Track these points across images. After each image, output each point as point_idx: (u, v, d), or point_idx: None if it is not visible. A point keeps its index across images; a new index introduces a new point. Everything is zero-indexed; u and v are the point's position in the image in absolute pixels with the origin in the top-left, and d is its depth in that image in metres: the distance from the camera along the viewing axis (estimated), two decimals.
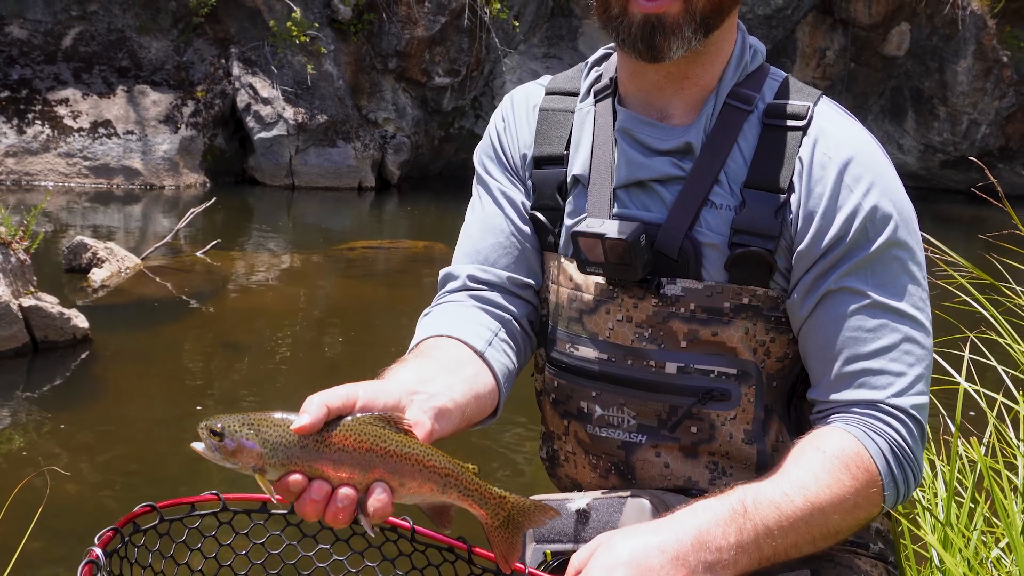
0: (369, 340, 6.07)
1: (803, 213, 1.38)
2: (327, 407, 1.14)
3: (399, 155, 11.95)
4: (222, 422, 1.11)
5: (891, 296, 1.37)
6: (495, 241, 1.54)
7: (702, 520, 1.24)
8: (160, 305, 6.39)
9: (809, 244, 1.37)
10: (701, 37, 1.36)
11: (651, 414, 1.46)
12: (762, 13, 12.56)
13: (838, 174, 1.37)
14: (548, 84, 1.59)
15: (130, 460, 4.02)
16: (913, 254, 1.40)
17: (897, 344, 1.36)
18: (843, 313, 1.37)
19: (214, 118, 11.12)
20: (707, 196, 1.40)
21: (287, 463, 1.11)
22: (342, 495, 1.13)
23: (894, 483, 1.34)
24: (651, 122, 1.45)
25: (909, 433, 1.35)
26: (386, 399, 1.19)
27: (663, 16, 1.34)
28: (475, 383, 1.38)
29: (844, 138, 1.40)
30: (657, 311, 1.42)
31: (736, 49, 1.46)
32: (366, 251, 8.52)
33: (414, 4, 11.69)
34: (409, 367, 1.34)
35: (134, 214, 9.77)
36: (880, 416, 1.35)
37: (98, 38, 11.15)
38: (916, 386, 1.37)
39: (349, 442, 1.13)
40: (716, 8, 1.36)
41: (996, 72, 13.50)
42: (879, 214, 1.36)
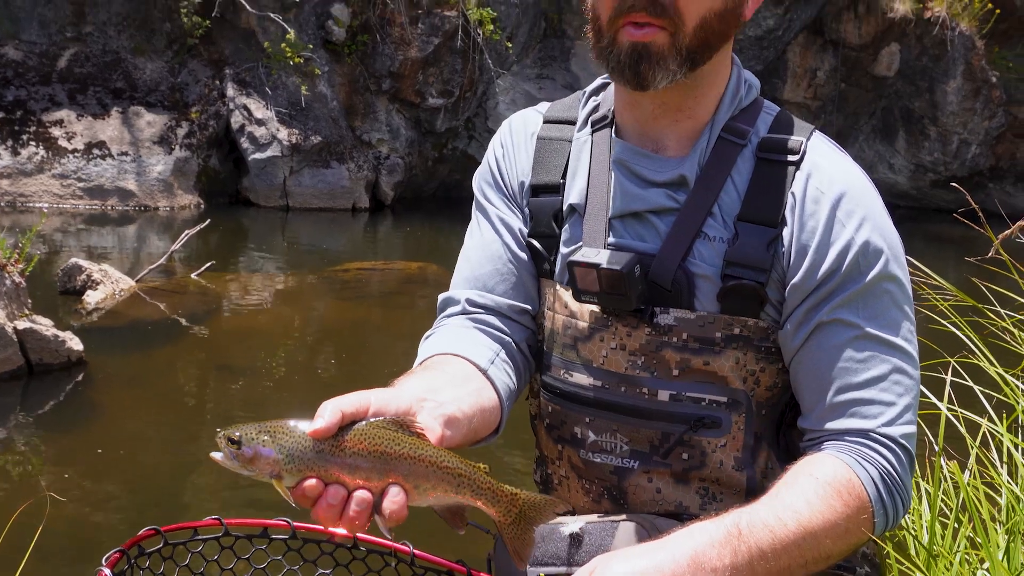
0: (363, 361, 6.09)
1: (796, 246, 1.41)
2: (341, 412, 1.17)
3: (393, 176, 12.00)
4: (239, 431, 1.13)
5: (881, 328, 1.40)
6: (493, 268, 1.57)
7: (698, 542, 1.27)
8: (154, 327, 6.40)
9: (803, 277, 1.40)
10: (687, 70, 1.40)
11: (643, 440, 1.49)
12: (753, 34, 12.66)
13: (831, 209, 1.41)
14: (546, 112, 1.62)
15: (126, 483, 4.02)
16: (902, 287, 1.44)
17: (887, 375, 1.40)
18: (835, 344, 1.40)
19: (208, 139, 11.16)
20: (700, 228, 1.44)
21: (304, 469, 1.14)
22: (358, 498, 1.16)
23: (884, 510, 1.37)
24: (646, 153, 1.48)
25: (899, 461, 1.39)
26: (398, 404, 1.22)
27: (649, 45, 1.37)
28: (480, 397, 1.41)
29: (836, 173, 1.43)
30: (650, 340, 1.46)
31: (731, 84, 1.49)
32: (360, 272, 8.55)
33: (408, 26, 11.77)
34: (418, 378, 1.38)
35: (128, 236, 9.79)
36: (871, 444, 1.39)
37: (93, 59, 11.20)
38: (905, 415, 1.41)
39: (364, 446, 1.15)
40: (702, 43, 1.39)
41: (985, 92, 13.62)
42: (871, 248, 1.40)
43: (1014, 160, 14.20)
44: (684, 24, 1.37)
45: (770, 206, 1.42)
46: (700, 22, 1.37)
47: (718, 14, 1.38)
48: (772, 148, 1.45)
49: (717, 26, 1.39)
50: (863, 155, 14.32)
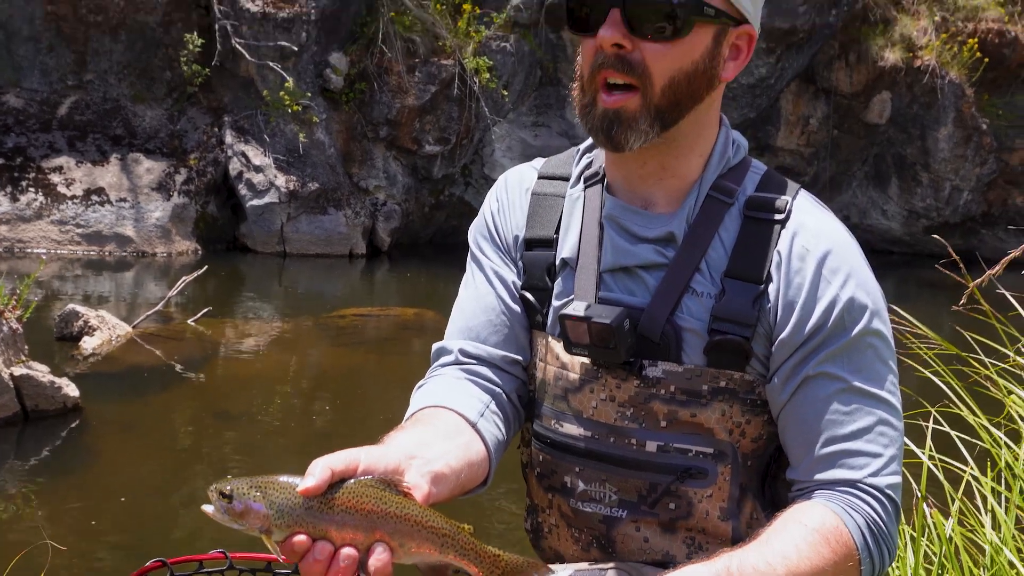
0: (359, 408, 6.10)
1: (783, 302, 1.45)
2: (331, 470, 1.20)
3: (390, 222, 12.08)
4: (231, 485, 1.17)
5: (866, 381, 1.44)
6: (486, 319, 1.61)
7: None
8: (151, 373, 6.42)
9: (791, 332, 1.44)
10: (658, 129, 1.45)
11: (632, 490, 1.52)
12: (746, 82, 12.83)
13: (817, 266, 1.45)
14: (541, 168, 1.67)
15: (122, 529, 4.02)
16: (886, 341, 1.48)
17: (873, 427, 1.44)
18: (822, 397, 1.44)
19: (206, 186, 11.25)
20: (688, 283, 1.48)
21: (292, 524, 1.17)
22: (345, 555, 1.19)
23: (870, 558, 1.40)
24: (636, 210, 1.53)
25: (884, 511, 1.42)
26: (387, 463, 1.26)
27: (620, 111, 1.43)
28: (469, 451, 1.44)
29: (822, 232, 1.48)
30: (639, 392, 1.49)
31: (719, 144, 1.54)
32: (356, 318, 8.58)
33: (405, 74, 11.92)
34: (408, 433, 1.40)
35: (126, 281, 9.83)
36: (858, 494, 1.42)
37: (93, 107, 11.32)
38: (890, 466, 1.44)
39: (352, 504, 1.18)
40: (671, 103, 1.44)
41: (976, 139, 13.77)
42: (855, 304, 1.44)
43: (1006, 206, 14.32)
44: (652, 82, 1.42)
45: (756, 263, 1.47)
46: (668, 82, 1.42)
47: (687, 74, 1.43)
48: (759, 207, 1.50)
49: (686, 86, 1.44)
50: (856, 201, 14.44)
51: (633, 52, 1.41)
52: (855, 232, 1.48)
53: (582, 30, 1.46)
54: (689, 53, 1.43)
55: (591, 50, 1.45)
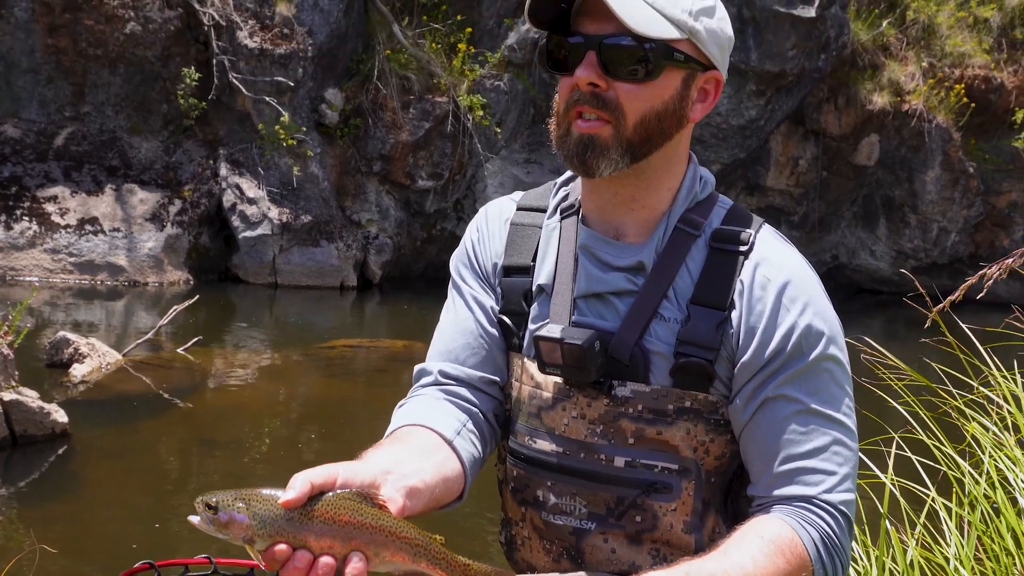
0: (346, 438, 6.13)
1: (745, 328, 1.53)
2: (311, 483, 1.27)
3: (381, 255, 12.16)
4: (216, 497, 1.23)
5: (822, 404, 1.52)
6: (465, 342, 1.69)
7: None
8: (140, 401, 6.45)
9: (752, 356, 1.52)
10: (628, 160, 1.53)
11: (600, 503, 1.58)
12: (736, 123, 13.00)
13: (777, 295, 1.53)
14: (519, 200, 1.76)
15: (107, 553, 4.04)
16: (842, 366, 1.56)
17: (828, 446, 1.51)
18: (781, 417, 1.51)
19: (200, 217, 11.33)
20: (656, 310, 1.55)
21: (274, 534, 1.23)
22: (323, 564, 1.25)
23: (823, 570, 1.46)
24: (608, 240, 1.61)
25: (838, 525, 1.49)
26: (363, 477, 1.32)
27: (594, 137, 1.52)
28: (444, 467, 1.50)
29: (782, 263, 1.56)
30: (608, 410, 1.56)
31: (687, 180, 1.63)
32: (346, 350, 8.62)
33: (399, 110, 12.06)
34: (385, 451, 1.47)
35: (117, 310, 9.87)
36: (813, 509, 1.49)
37: (90, 138, 11.42)
38: (844, 484, 1.51)
39: (330, 515, 1.25)
40: (642, 138, 1.53)
41: (963, 182, 13.95)
42: (813, 331, 1.52)
43: (993, 248, 14.46)
44: (625, 119, 1.51)
45: (720, 291, 1.55)
46: (640, 119, 1.51)
47: (657, 113, 1.53)
48: (724, 239, 1.58)
49: (656, 124, 1.53)
50: (845, 241, 14.58)
51: (608, 91, 1.50)
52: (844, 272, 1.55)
53: (560, 70, 1.55)
54: (660, 94, 1.52)
55: (568, 88, 1.54)
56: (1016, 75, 14.10)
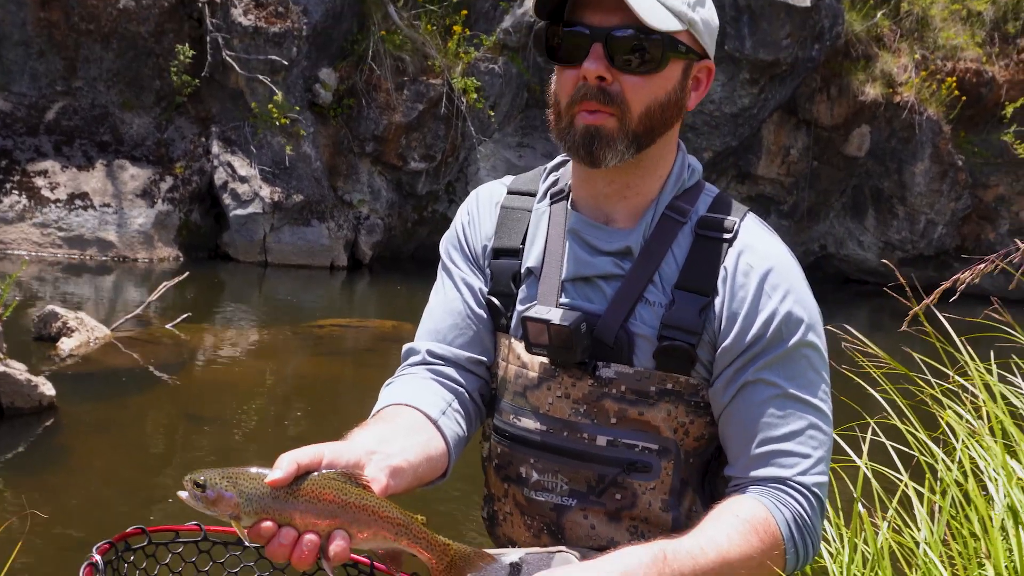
0: (334, 417, 6.17)
1: (727, 313, 1.57)
2: (297, 463, 1.31)
3: (372, 236, 12.17)
4: (204, 475, 1.27)
5: (800, 388, 1.56)
6: (453, 322, 1.73)
7: (627, 563, 1.40)
8: (127, 376, 6.47)
9: (733, 341, 1.56)
10: (633, 151, 1.57)
11: (581, 481, 1.63)
12: (729, 112, 13.02)
13: (759, 282, 1.57)
14: (510, 184, 1.79)
15: (90, 528, 4.07)
16: (819, 352, 1.60)
17: (804, 430, 1.55)
18: (759, 401, 1.56)
19: (191, 194, 11.32)
20: (642, 293, 1.60)
21: (260, 512, 1.28)
22: (307, 540, 1.30)
23: (795, 548, 1.51)
24: (598, 225, 1.64)
25: (811, 506, 1.54)
26: (348, 457, 1.37)
27: (600, 128, 1.55)
28: (428, 447, 1.55)
29: (765, 251, 1.60)
30: (592, 390, 1.60)
31: (676, 167, 1.67)
32: (335, 329, 8.65)
33: (393, 92, 12.05)
34: (370, 430, 1.51)
35: (106, 285, 9.87)
36: (787, 491, 1.54)
37: (81, 113, 11.38)
38: (818, 467, 1.56)
39: (315, 494, 1.29)
40: (646, 129, 1.57)
41: (952, 175, 14.02)
42: (792, 318, 1.57)
43: (979, 241, 14.56)
44: (631, 111, 1.54)
45: (704, 277, 1.59)
46: (645, 110, 1.55)
47: (661, 104, 1.56)
48: (709, 226, 1.62)
49: (660, 115, 1.56)
50: (833, 231, 14.64)
51: (612, 84, 1.53)
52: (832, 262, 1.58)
53: (566, 62, 1.56)
54: (664, 85, 1.55)
55: (572, 80, 1.56)
56: (1007, 69, 14.16)
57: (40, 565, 3.67)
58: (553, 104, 1.61)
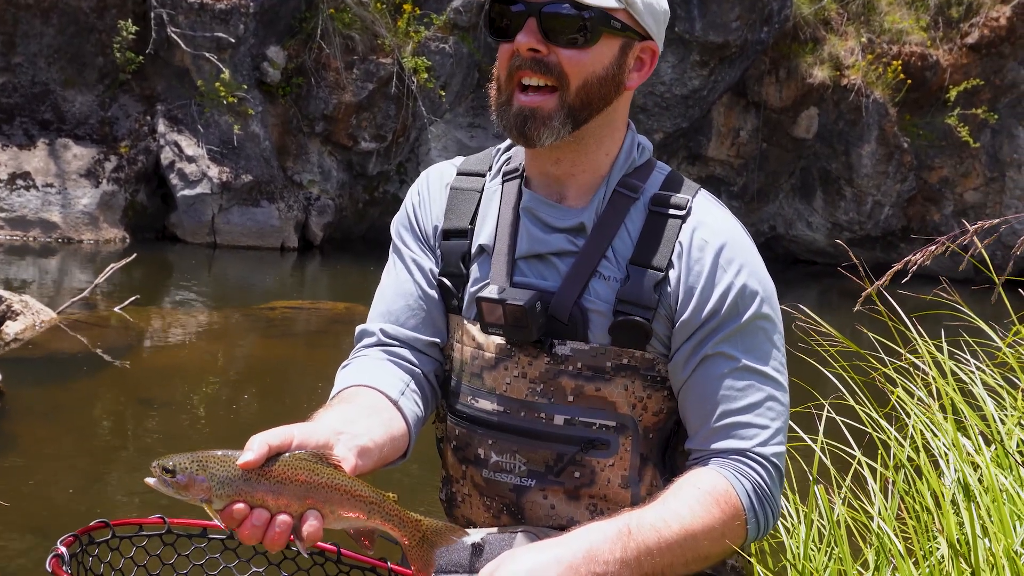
0: (286, 400, 6.12)
1: (684, 288, 1.59)
2: (268, 445, 1.31)
3: (323, 217, 12.06)
4: (173, 460, 1.26)
5: (757, 361, 1.59)
6: (405, 304, 1.73)
7: (593, 538, 1.42)
8: (75, 360, 6.35)
9: (690, 315, 1.58)
10: (570, 127, 1.59)
11: (540, 460, 1.63)
12: (679, 93, 13.09)
13: (714, 257, 1.59)
14: (460, 165, 1.80)
15: (39, 515, 4.01)
16: (775, 325, 1.63)
17: (762, 402, 1.58)
18: (717, 374, 1.58)
19: (137, 174, 11.12)
20: (596, 269, 1.61)
21: (232, 494, 1.27)
22: (280, 521, 1.29)
23: (755, 518, 1.54)
24: (551, 203, 1.65)
25: (770, 476, 1.57)
26: (317, 438, 1.37)
27: (536, 109, 1.57)
28: (391, 426, 1.55)
29: (719, 226, 1.62)
30: (548, 368, 1.61)
31: (625, 145, 1.68)
32: (286, 311, 8.57)
33: (343, 70, 11.92)
34: (335, 412, 1.52)
35: (50, 268, 9.67)
36: (746, 462, 1.56)
37: (21, 90, 11.10)
38: (776, 437, 1.59)
39: (287, 475, 1.29)
40: (583, 103, 1.58)
41: (897, 157, 14.25)
42: (747, 291, 1.59)
43: (924, 222, 14.83)
44: (569, 84, 1.56)
45: (658, 253, 1.60)
46: (582, 83, 1.57)
47: (598, 79, 1.58)
48: (662, 203, 1.63)
49: (597, 90, 1.58)
50: (783, 212, 14.83)
51: (549, 55, 1.55)
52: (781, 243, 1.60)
53: (501, 36, 1.59)
54: (599, 60, 1.57)
55: (507, 53, 1.59)
56: (951, 53, 14.40)
57: None
58: (495, 80, 1.63)
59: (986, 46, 14.30)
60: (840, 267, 2.57)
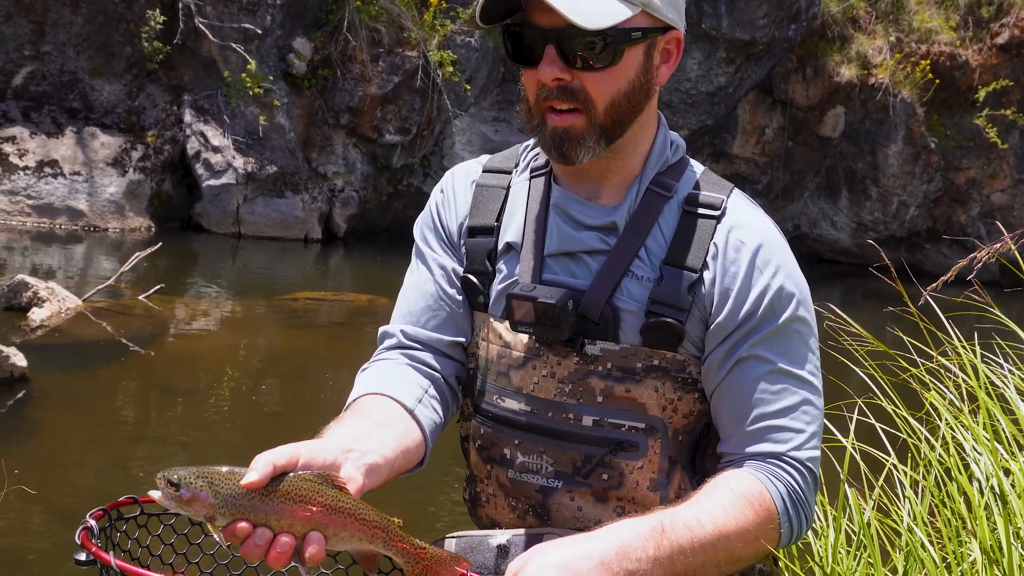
0: (307, 391, 6.14)
1: (719, 289, 1.56)
2: (273, 465, 1.30)
3: (347, 209, 12.09)
4: (178, 474, 1.26)
5: (792, 364, 1.57)
6: (427, 305, 1.71)
7: (625, 534, 1.40)
8: (99, 347, 6.40)
9: (726, 317, 1.56)
10: (605, 145, 1.57)
11: (567, 461, 1.61)
12: (705, 90, 13.03)
13: (751, 258, 1.57)
14: (486, 163, 1.78)
15: (62, 500, 4.03)
16: (810, 328, 1.61)
17: (797, 405, 1.56)
18: (753, 377, 1.55)
19: (163, 163, 11.17)
20: (628, 268, 1.59)
21: (235, 513, 1.27)
22: (282, 542, 1.29)
23: (789, 522, 1.52)
24: (582, 201, 1.63)
25: (804, 481, 1.54)
26: (324, 457, 1.36)
27: (569, 129, 1.54)
28: (404, 438, 1.54)
29: (755, 227, 1.61)
30: (577, 368, 1.59)
31: (658, 143, 1.65)
32: (309, 302, 8.60)
33: (368, 63, 11.93)
34: (346, 425, 1.50)
35: (76, 255, 9.74)
36: (781, 465, 1.54)
37: (50, 78, 11.18)
38: (811, 441, 1.57)
39: (290, 496, 1.29)
40: (614, 122, 1.56)
41: (924, 157, 14.13)
42: (784, 293, 1.57)
43: (950, 223, 14.70)
44: (595, 106, 1.53)
45: (693, 254, 1.58)
46: (610, 103, 1.54)
47: (625, 94, 1.55)
48: (696, 203, 1.61)
49: (626, 104, 1.55)
50: (807, 211, 14.73)
51: (573, 82, 1.52)
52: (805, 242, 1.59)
53: (524, 63, 1.57)
54: (624, 75, 1.54)
55: (533, 82, 1.56)
56: (980, 53, 14.26)
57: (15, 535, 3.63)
58: (523, 100, 1.61)
59: (1016, 46, 14.14)
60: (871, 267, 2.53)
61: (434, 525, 3.37)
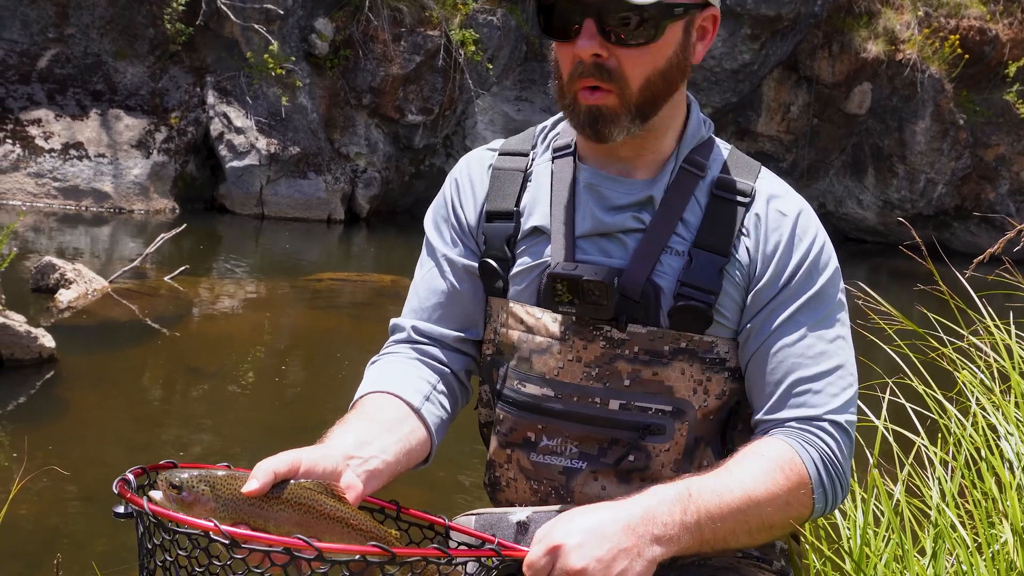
0: (331, 370, 6.16)
1: (761, 257, 1.56)
2: (274, 473, 1.31)
3: (369, 189, 12.09)
4: (180, 477, 1.27)
5: (829, 329, 1.56)
6: (436, 301, 1.70)
7: (652, 500, 1.39)
8: (126, 328, 6.45)
9: (767, 283, 1.56)
10: (639, 124, 1.54)
11: (592, 444, 1.60)
12: (729, 67, 12.91)
13: (792, 227, 1.57)
14: (501, 147, 1.75)
15: (90, 479, 4.07)
16: (843, 295, 1.60)
17: (834, 370, 1.55)
18: (790, 342, 1.55)
19: (187, 145, 11.22)
20: (667, 243, 1.57)
21: (235, 517, 1.27)
22: None
23: (823, 488, 1.50)
24: (615, 178, 1.61)
25: (838, 445, 1.52)
26: (325, 465, 1.36)
27: (602, 107, 1.51)
28: (409, 439, 1.54)
29: (792, 200, 1.61)
30: (604, 352, 1.57)
31: (692, 121, 1.63)
32: (332, 283, 8.62)
33: (390, 43, 11.90)
34: (350, 429, 1.50)
35: (102, 237, 9.81)
36: (814, 430, 1.52)
37: (74, 61, 11.23)
38: (849, 406, 1.55)
39: (289, 504, 1.30)
40: (648, 101, 1.53)
41: (952, 134, 13.94)
42: (822, 260, 1.57)
43: (979, 201, 14.53)
44: (630, 86, 1.50)
45: (723, 237, 1.56)
46: (644, 82, 1.51)
47: (661, 72, 1.52)
48: (726, 187, 1.60)
49: (661, 83, 1.52)
50: (833, 190, 14.60)
51: (609, 59, 1.48)
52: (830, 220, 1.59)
53: (560, 38, 1.52)
54: (663, 52, 1.51)
55: (569, 57, 1.51)
56: (1011, 28, 14.03)
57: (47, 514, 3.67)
58: (556, 76, 1.57)
59: None
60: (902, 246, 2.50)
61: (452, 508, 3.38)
